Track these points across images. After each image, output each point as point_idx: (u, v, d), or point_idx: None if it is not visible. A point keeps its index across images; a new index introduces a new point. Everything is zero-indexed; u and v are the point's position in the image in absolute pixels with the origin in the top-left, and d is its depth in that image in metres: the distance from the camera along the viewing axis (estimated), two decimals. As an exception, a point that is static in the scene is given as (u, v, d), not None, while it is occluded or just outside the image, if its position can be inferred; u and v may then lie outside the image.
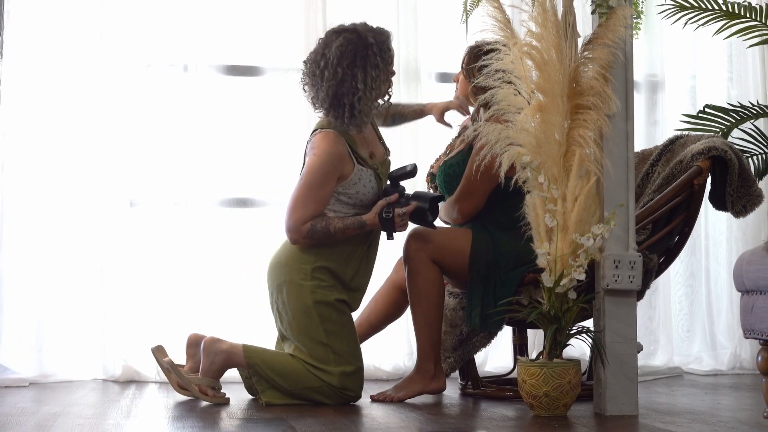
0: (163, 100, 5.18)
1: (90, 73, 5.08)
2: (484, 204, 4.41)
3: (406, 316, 4.66)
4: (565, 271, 3.90)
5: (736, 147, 4.61)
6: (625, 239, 4.03)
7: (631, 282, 4.00)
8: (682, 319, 5.66)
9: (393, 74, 4.36)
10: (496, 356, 5.33)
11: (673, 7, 5.05)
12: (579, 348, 4.98)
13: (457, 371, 4.67)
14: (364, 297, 4.44)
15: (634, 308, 4.07)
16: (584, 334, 3.98)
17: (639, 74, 5.58)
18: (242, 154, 5.28)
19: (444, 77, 5.42)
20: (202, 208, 5.16)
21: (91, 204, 5.07)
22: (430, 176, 4.66)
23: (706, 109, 5.15)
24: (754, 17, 5.06)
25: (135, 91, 5.14)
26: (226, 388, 4.36)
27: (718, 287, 5.66)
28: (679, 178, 4.43)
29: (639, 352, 4.12)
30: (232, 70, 5.29)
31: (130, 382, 4.97)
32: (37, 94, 5.04)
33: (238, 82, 5.30)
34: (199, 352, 4.27)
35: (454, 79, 4.69)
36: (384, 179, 4.37)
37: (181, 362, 4.44)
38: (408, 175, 4.30)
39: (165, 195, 5.15)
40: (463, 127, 4.67)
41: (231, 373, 4.36)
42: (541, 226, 3.97)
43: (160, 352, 4.34)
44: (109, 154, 5.08)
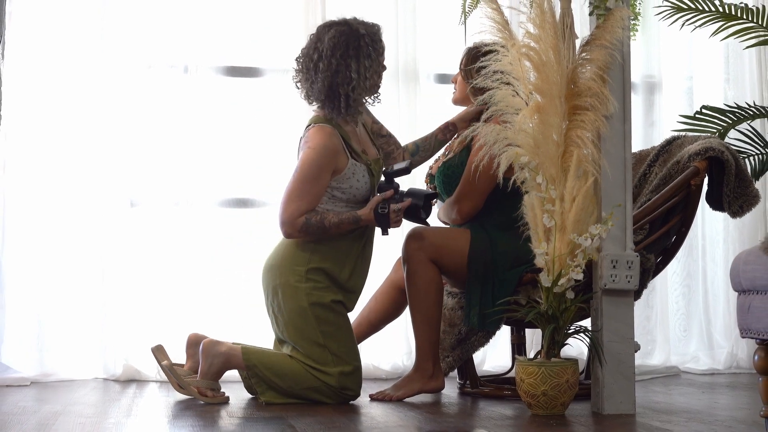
0: (164, 101, 5.18)
1: (91, 75, 5.08)
2: (483, 204, 4.43)
3: (405, 315, 4.67)
4: (563, 271, 3.90)
5: (733, 148, 4.61)
6: (623, 239, 4.04)
7: (629, 282, 4.00)
8: (680, 319, 5.66)
9: (384, 68, 4.36)
10: (495, 355, 5.34)
11: (670, 8, 5.04)
12: (577, 347, 5.01)
13: (456, 370, 4.68)
14: (361, 296, 4.43)
15: (632, 308, 4.07)
16: (582, 334, 3.99)
17: (636, 75, 5.59)
18: (242, 155, 5.29)
19: (442, 78, 5.43)
20: (202, 208, 5.16)
21: (92, 204, 5.07)
22: (429, 177, 4.66)
23: (703, 110, 5.14)
24: (750, 19, 5.05)
25: (136, 92, 5.15)
26: (226, 387, 4.36)
27: (715, 287, 5.67)
28: (677, 178, 4.42)
29: (636, 352, 4.12)
30: (232, 71, 5.30)
31: (131, 381, 4.97)
32: (38, 95, 5.05)
33: (238, 83, 5.30)
34: (199, 352, 4.26)
35: (453, 80, 4.69)
36: (377, 176, 4.37)
37: (181, 362, 4.44)
38: (403, 171, 4.29)
39: (165, 195, 5.15)
40: (462, 128, 4.66)
41: (231, 372, 4.35)
42: (539, 226, 3.97)
43: (160, 352, 4.34)
44: (109, 154, 5.09)
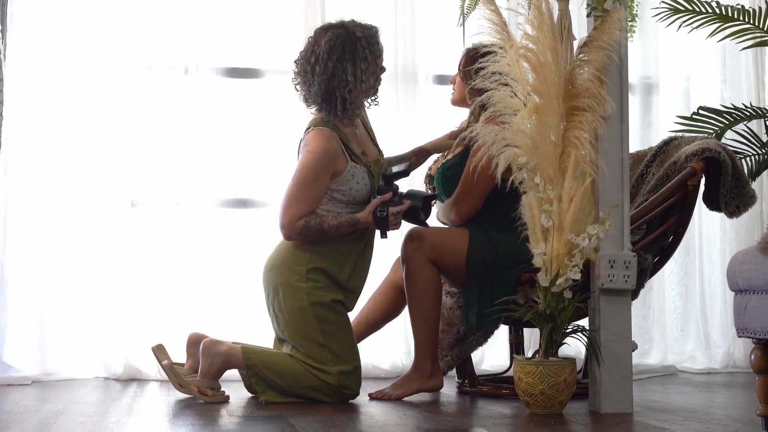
0: (164, 102, 5.18)
1: (92, 76, 5.08)
2: (482, 205, 4.43)
3: (404, 315, 4.66)
4: (560, 271, 3.91)
5: (730, 148, 4.62)
6: (620, 239, 4.04)
7: (626, 281, 4.01)
8: (677, 318, 5.66)
9: (383, 70, 4.37)
10: (493, 355, 5.34)
11: (667, 9, 5.04)
12: (574, 346, 5.01)
13: (454, 369, 4.68)
14: (361, 296, 4.44)
15: (629, 307, 4.07)
16: (580, 333, 4.00)
17: (634, 76, 5.60)
18: (242, 155, 5.29)
19: (441, 79, 5.43)
20: (202, 208, 5.16)
21: (93, 204, 5.07)
22: (428, 178, 4.67)
23: (700, 111, 5.15)
24: (747, 20, 5.05)
25: (136, 93, 5.15)
26: (226, 386, 4.36)
27: (712, 287, 5.66)
28: (674, 179, 4.43)
29: (634, 351, 4.13)
30: (233, 73, 5.30)
31: (132, 380, 4.97)
32: (40, 96, 5.04)
33: (238, 84, 5.30)
34: (199, 351, 4.27)
35: (451, 81, 4.69)
36: (376, 178, 4.37)
37: (182, 361, 4.45)
38: (402, 174, 4.31)
39: (166, 195, 5.15)
40: (461, 129, 4.67)
41: (231, 371, 4.36)
42: (537, 227, 3.98)
43: (160, 352, 4.35)
44: (110, 155, 5.09)
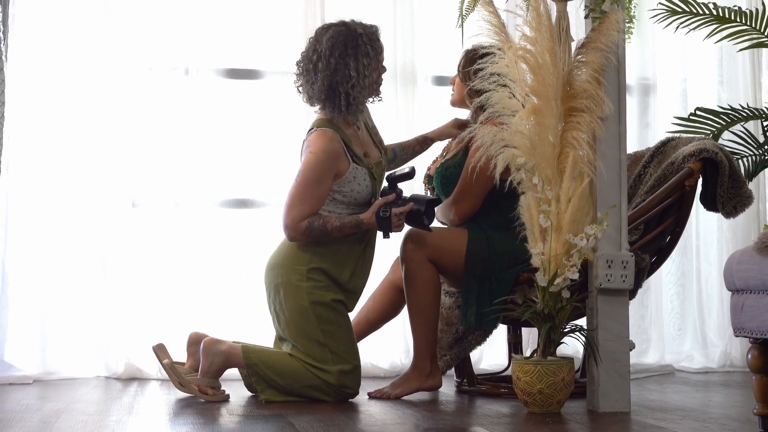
0: (165, 103, 5.18)
1: (93, 76, 5.09)
2: (481, 205, 4.44)
3: (403, 314, 4.67)
4: (558, 271, 3.92)
5: (727, 149, 4.63)
6: (618, 239, 4.06)
7: (624, 281, 4.02)
8: (674, 318, 5.67)
9: (384, 69, 4.38)
10: (491, 354, 5.35)
11: (664, 11, 5.05)
12: (572, 346, 5.01)
13: (453, 369, 4.69)
14: (361, 297, 4.45)
15: (627, 307, 4.08)
16: (577, 333, 4.01)
17: (631, 77, 5.60)
18: (242, 156, 5.29)
19: (440, 80, 5.43)
20: (202, 208, 5.16)
21: (94, 205, 5.07)
22: (427, 178, 4.68)
23: (697, 112, 5.15)
24: (744, 21, 5.06)
25: (137, 94, 5.15)
26: (226, 385, 4.37)
27: (709, 286, 5.67)
28: (671, 179, 4.44)
29: (631, 350, 4.13)
30: (233, 74, 5.30)
31: (132, 379, 4.97)
32: (41, 97, 5.04)
33: (238, 85, 5.31)
34: (200, 350, 4.28)
35: (450, 82, 4.70)
36: (378, 179, 4.39)
37: (182, 360, 4.46)
38: (406, 176, 4.32)
39: (166, 196, 5.15)
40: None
41: (231, 370, 4.37)
42: (535, 227, 3.99)
43: (161, 351, 4.35)
44: (111, 155, 5.09)
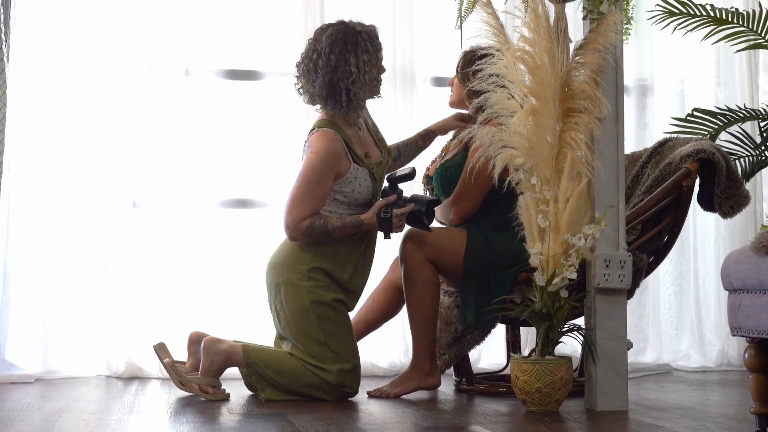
0: (165, 104, 5.19)
1: (94, 77, 5.10)
2: (480, 205, 4.46)
3: (403, 314, 4.67)
4: (557, 271, 3.93)
5: (724, 149, 4.64)
6: (616, 239, 4.06)
7: (622, 281, 4.03)
8: (671, 317, 5.67)
9: (383, 70, 4.39)
10: (490, 353, 5.36)
11: (662, 13, 5.04)
12: (570, 345, 5.00)
13: (452, 368, 4.69)
14: (361, 296, 4.47)
15: (624, 306, 4.10)
16: (576, 332, 4.02)
17: (629, 78, 5.62)
18: (242, 156, 5.30)
19: (439, 81, 5.44)
20: (203, 208, 5.17)
21: (95, 205, 5.08)
22: (427, 178, 4.68)
23: (695, 113, 5.15)
24: (741, 23, 5.05)
25: (138, 94, 5.16)
26: (226, 384, 4.39)
27: (706, 286, 5.67)
28: (668, 179, 4.45)
29: (629, 350, 4.15)
30: (233, 75, 5.31)
31: (133, 378, 4.98)
32: (42, 98, 5.06)
33: (238, 86, 5.32)
34: (200, 349, 4.29)
35: (449, 84, 4.71)
36: (379, 180, 4.40)
37: (183, 359, 4.48)
38: (407, 177, 4.33)
39: (167, 196, 5.16)
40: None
41: (231, 369, 4.38)
42: (533, 227, 4.00)
43: (161, 350, 4.36)
44: (112, 156, 5.10)
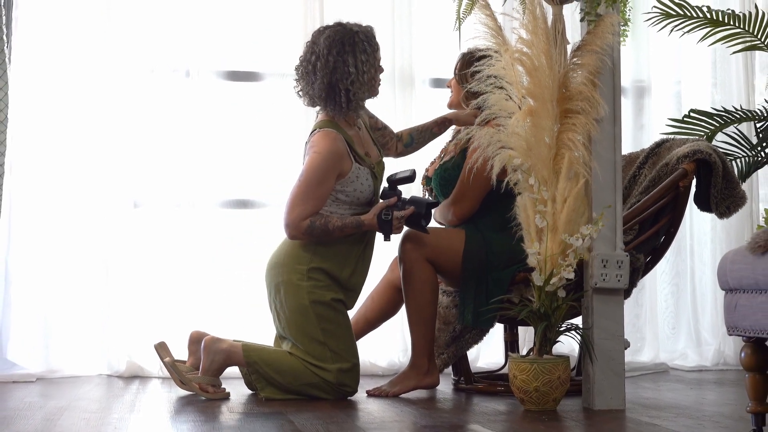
0: (166, 105, 5.21)
1: (95, 79, 5.12)
2: (478, 206, 4.47)
3: (402, 313, 4.68)
4: (554, 270, 3.94)
5: (720, 150, 4.64)
6: (613, 239, 4.08)
7: (619, 281, 4.04)
8: (668, 317, 5.69)
9: (382, 70, 4.41)
10: (488, 352, 5.38)
11: (659, 14, 5.03)
12: (568, 344, 4.98)
13: (451, 367, 4.70)
14: (360, 295, 4.48)
15: (622, 306, 4.11)
16: (573, 331, 4.04)
17: (626, 80, 5.63)
18: (242, 157, 5.32)
19: (438, 83, 5.46)
20: (203, 209, 5.19)
21: (96, 205, 5.10)
22: (426, 179, 4.70)
23: (691, 114, 5.15)
24: (737, 25, 5.05)
25: (139, 95, 5.18)
26: (227, 383, 4.40)
27: (703, 286, 5.68)
28: (665, 180, 4.45)
29: (626, 349, 4.16)
30: (233, 76, 5.33)
31: (134, 377, 5.00)
32: (44, 99, 5.07)
33: (239, 87, 5.33)
34: (200, 349, 4.31)
35: (447, 85, 4.72)
36: (379, 179, 4.42)
37: (183, 358, 4.49)
38: (407, 180, 4.34)
39: (168, 196, 5.18)
40: (457, 131, 4.70)
41: (231, 368, 4.38)
42: (531, 227, 4.01)
43: (162, 349, 4.37)
44: (113, 156, 5.12)
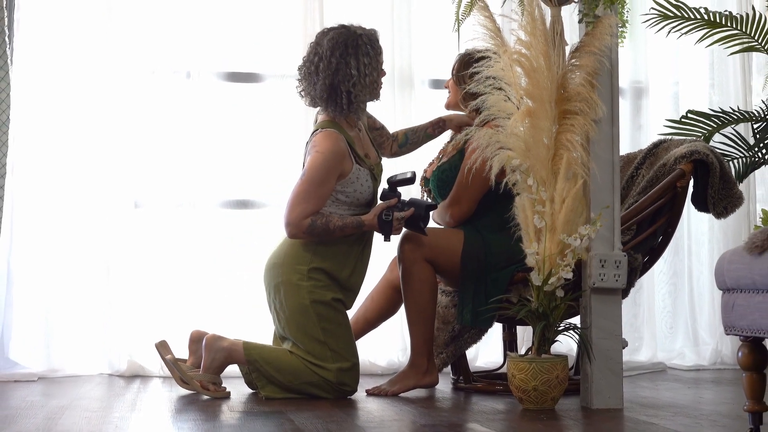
0: (167, 106, 5.22)
1: (96, 80, 5.13)
2: (476, 207, 4.48)
3: (401, 313, 4.69)
4: (553, 270, 3.95)
5: (718, 151, 4.65)
6: (611, 239, 4.09)
7: (617, 280, 4.06)
8: (666, 316, 5.70)
9: (384, 73, 4.43)
10: (487, 352, 5.39)
11: (657, 16, 5.05)
12: (566, 344, 5.03)
13: (449, 366, 4.72)
14: (359, 295, 4.49)
15: (620, 306, 4.12)
16: (571, 331, 4.05)
17: (624, 81, 5.65)
18: (243, 157, 5.33)
19: (437, 84, 5.47)
20: (204, 209, 5.20)
21: (98, 205, 5.11)
22: (424, 180, 4.70)
23: (689, 115, 5.16)
24: (734, 26, 5.07)
25: (140, 96, 5.19)
26: (227, 382, 4.41)
27: (700, 285, 5.70)
28: (663, 180, 4.46)
29: (624, 348, 4.17)
30: (233, 77, 5.34)
31: (135, 376, 5.01)
32: (45, 100, 5.08)
33: (239, 88, 5.35)
34: (201, 348, 4.32)
35: (445, 86, 4.72)
36: (379, 180, 4.43)
37: (184, 357, 4.49)
38: (408, 181, 4.36)
39: (168, 197, 5.19)
40: (455, 132, 4.71)
41: (232, 367, 4.40)
42: (530, 227, 4.02)
43: (163, 348, 4.39)
44: (114, 157, 5.13)
